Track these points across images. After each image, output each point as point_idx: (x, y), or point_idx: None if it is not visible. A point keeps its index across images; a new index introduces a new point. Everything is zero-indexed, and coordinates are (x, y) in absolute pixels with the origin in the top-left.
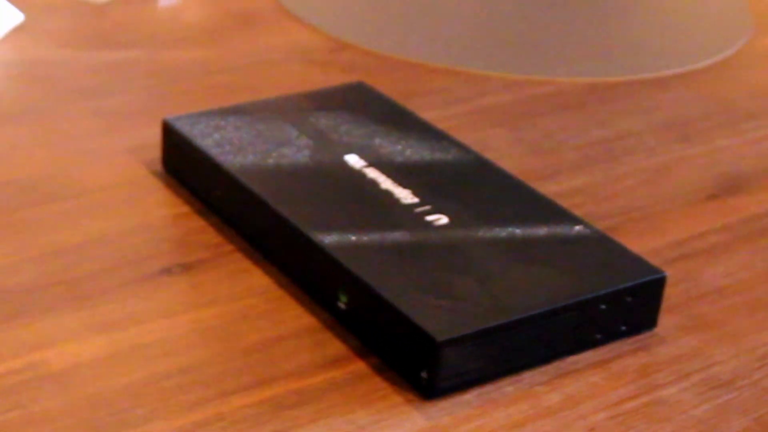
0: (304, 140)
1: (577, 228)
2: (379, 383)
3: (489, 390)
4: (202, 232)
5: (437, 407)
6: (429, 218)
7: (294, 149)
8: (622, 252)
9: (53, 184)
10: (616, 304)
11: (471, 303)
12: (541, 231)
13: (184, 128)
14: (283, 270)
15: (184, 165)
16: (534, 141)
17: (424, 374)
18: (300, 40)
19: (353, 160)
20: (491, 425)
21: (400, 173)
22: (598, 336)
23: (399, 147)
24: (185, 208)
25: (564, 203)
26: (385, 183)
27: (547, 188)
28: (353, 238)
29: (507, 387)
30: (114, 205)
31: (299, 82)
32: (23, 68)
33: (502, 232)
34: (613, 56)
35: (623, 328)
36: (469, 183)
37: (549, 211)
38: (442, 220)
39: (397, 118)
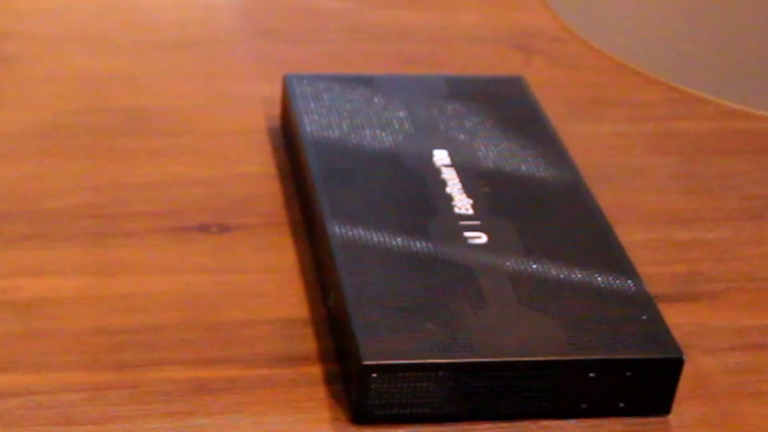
0: (408, 125)
1: (624, 284)
2: (319, 393)
3: (424, 431)
4: (269, 198)
5: None
6: (468, 234)
7: (390, 132)
8: (654, 322)
9: (170, 118)
10: (611, 376)
11: (438, 333)
12: (580, 277)
13: (296, 87)
14: (311, 253)
15: (287, 124)
16: (701, 179)
17: (353, 395)
18: (529, 23)
19: (441, 155)
20: None
21: (478, 181)
22: (584, 406)
23: (501, 154)
24: (272, 170)
25: (681, 255)
26: (454, 188)
27: (674, 234)
28: (370, 236)
29: None
30: (208, 151)
31: (486, 66)
32: None
33: (535, 267)
34: None
35: (621, 404)
36: (544, 208)
37: (609, 259)
38: (481, 239)
39: (526, 124)
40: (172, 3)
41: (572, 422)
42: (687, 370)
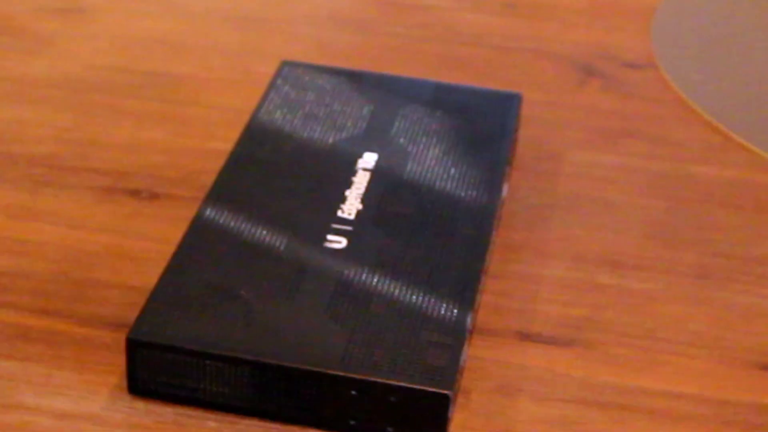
0: (362, 125)
1: (448, 315)
2: (121, 360)
3: (193, 415)
4: (215, 173)
5: (123, 402)
6: (331, 237)
7: (338, 129)
8: (446, 356)
9: (187, 87)
10: (374, 399)
11: (227, 323)
12: (408, 300)
13: (281, 73)
14: None
15: None
16: (677, 228)
17: (127, 367)
18: (613, 45)
19: (369, 158)
20: None
21: (387, 190)
22: (352, 423)
23: (431, 167)
24: None
25: (589, 299)
26: (355, 192)
27: (598, 278)
28: (236, 223)
29: (211, 422)
30: (194, 123)
31: (533, 81)
32: None
33: (368, 281)
34: None
35: (389, 429)
36: (430, 229)
37: (455, 290)
38: (340, 244)
39: (485, 144)
40: None
41: None
42: (505, 412)
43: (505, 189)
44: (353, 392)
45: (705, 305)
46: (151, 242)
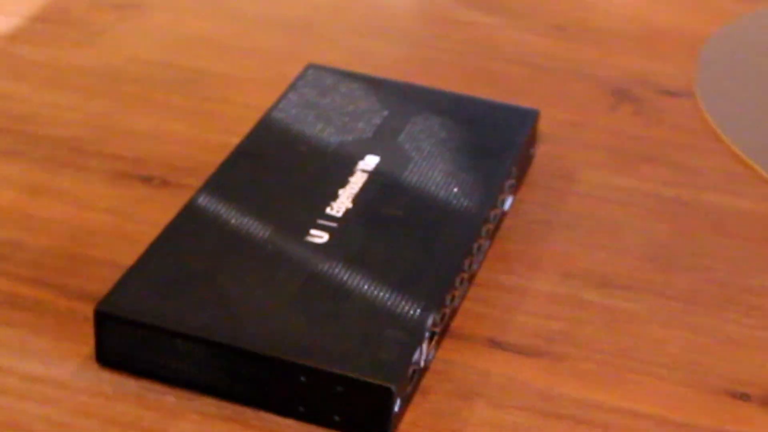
0: (371, 130)
1: (411, 314)
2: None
3: (154, 389)
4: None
5: (91, 372)
6: (314, 231)
7: (347, 132)
8: (400, 353)
9: (221, 84)
10: (321, 387)
11: (194, 305)
12: (376, 297)
13: (304, 75)
14: None
15: None
16: (676, 253)
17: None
18: (653, 71)
19: (370, 161)
20: (105, 411)
21: (379, 192)
22: (301, 409)
23: (429, 175)
24: None
25: (570, 314)
26: (348, 191)
27: (585, 294)
28: (226, 213)
29: (170, 397)
30: (219, 118)
31: (561, 102)
32: None
33: (341, 275)
34: None
35: (336, 417)
36: (414, 233)
37: (425, 291)
38: (322, 239)
39: (489, 156)
40: None
41: (288, 422)
42: (459, 413)
43: (509, 202)
44: (302, 378)
45: (688, 330)
46: (152, 226)
